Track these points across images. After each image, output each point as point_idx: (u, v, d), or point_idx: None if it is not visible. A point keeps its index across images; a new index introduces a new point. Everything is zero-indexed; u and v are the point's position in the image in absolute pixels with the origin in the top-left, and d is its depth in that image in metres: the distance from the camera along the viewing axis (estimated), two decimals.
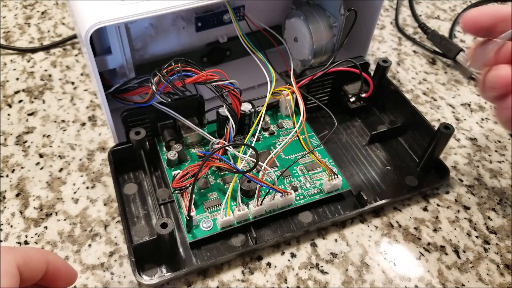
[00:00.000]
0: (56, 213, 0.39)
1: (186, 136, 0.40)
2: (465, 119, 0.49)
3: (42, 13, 0.59)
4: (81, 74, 0.51)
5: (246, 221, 0.36)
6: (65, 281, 0.27)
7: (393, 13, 0.63)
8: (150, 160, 0.40)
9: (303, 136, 0.39)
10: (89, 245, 0.37)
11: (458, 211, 0.41)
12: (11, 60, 0.52)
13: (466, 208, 0.41)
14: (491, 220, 0.40)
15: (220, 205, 0.37)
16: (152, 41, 0.44)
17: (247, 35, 0.42)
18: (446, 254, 0.37)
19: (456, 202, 0.41)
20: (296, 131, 0.38)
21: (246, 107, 0.40)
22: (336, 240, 0.38)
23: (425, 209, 0.41)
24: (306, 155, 0.41)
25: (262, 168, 0.37)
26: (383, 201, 0.39)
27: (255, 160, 0.34)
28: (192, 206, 0.35)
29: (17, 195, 0.40)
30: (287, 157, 0.41)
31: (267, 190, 0.35)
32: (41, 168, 0.42)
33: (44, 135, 0.45)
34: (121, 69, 0.43)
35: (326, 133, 0.44)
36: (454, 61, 0.54)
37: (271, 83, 0.40)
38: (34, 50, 0.54)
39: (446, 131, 0.38)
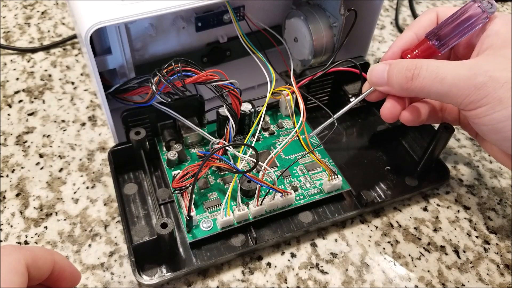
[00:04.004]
0: (56, 213, 0.39)
1: (186, 136, 0.40)
2: None
3: (42, 13, 0.59)
4: (81, 74, 0.51)
5: (246, 221, 0.36)
6: (69, 282, 0.27)
7: (393, 13, 0.63)
8: (150, 160, 0.40)
9: (303, 136, 0.39)
10: (89, 245, 0.37)
11: (458, 211, 0.41)
12: (11, 60, 0.52)
13: (466, 208, 0.41)
14: (491, 220, 0.40)
15: (220, 205, 0.37)
16: (152, 41, 0.44)
17: (247, 35, 0.42)
18: (446, 254, 0.37)
19: (456, 202, 0.41)
20: (296, 131, 0.38)
21: (246, 107, 0.40)
22: (336, 240, 0.38)
23: (425, 209, 0.41)
24: (306, 155, 0.41)
25: (262, 168, 0.37)
26: (383, 201, 0.39)
27: (255, 160, 0.34)
28: (192, 206, 0.35)
29: (17, 195, 0.40)
30: (287, 157, 0.41)
31: (267, 190, 0.35)
32: (41, 168, 0.42)
33: (44, 135, 0.45)
34: (121, 69, 0.43)
35: (326, 133, 0.44)
36: None
37: (271, 83, 0.40)
38: (34, 50, 0.54)
39: (446, 131, 0.38)
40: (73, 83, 0.50)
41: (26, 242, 0.37)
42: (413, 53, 0.35)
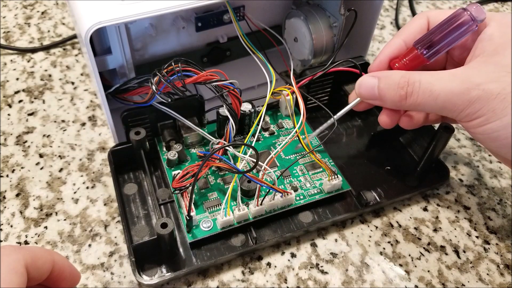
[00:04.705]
0: (56, 213, 0.39)
1: (186, 136, 0.40)
2: None
3: (42, 13, 0.59)
4: (81, 74, 0.51)
5: (246, 221, 0.36)
6: (69, 282, 0.27)
7: (393, 13, 0.63)
8: (150, 160, 0.40)
9: (303, 136, 0.39)
10: (89, 245, 0.37)
11: (458, 211, 0.41)
12: (11, 60, 0.52)
13: (466, 208, 0.41)
14: (491, 220, 0.40)
15: (220, 205, 0.37)
16: (152, 41, 0.44)
17: (247, 35, 0.42)
18: (446, 254, 0.37)
19: (456, 202, 0.41)
20: (296, 131, 0.38)
21: (246, 107, 0.40)
22: (336, 240, 0.38)
23: (425, 209, 0.41)
24: (306, 155, 0.41)
25: (262, 168, 0.37)
26: (383, 201, 0.39)
27: (255, 160, 0.34)
28: (192, 206, 0.35)
29: (17, 195, 0.40)
30: (287, 157, 0.41)
31: (267, 190, 0.35)
32: (41, 168, 0.42)
33: (44, 135, 0.45)
34: (121, 69, 0.43)
35: (326, 133, 0.44)
36: None
37: (271, 83, 0.40)
38: (34, 50, 0.54)
39: (446, 131, 0.38)
40: (73, 83, 0.50)
41: (26, 242, 0.37)
42: (401, 62, 0.35)
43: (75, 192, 0.40)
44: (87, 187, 0.41)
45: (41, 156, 0.43)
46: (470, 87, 0.30)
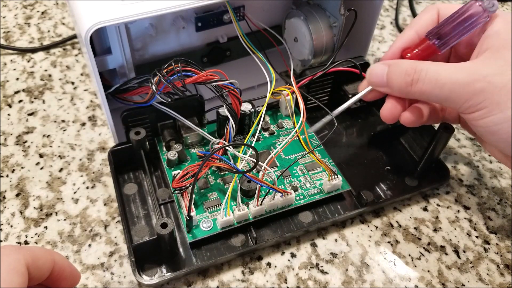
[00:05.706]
0: (56, 213, 0.39)
1: (186, 136, 0.40)
2: None
3: (42, 13, 0.59)
4: (81, 74, 0.51)
5: (246, 221, 0.36)
6: (69, 282, 0.27)
7: (393, 13, 0.63)
8: (150, 160, 0.40)
9: (303, 136, 0.39)
10: (89, 245, 0.37)
11: (458, 211, 0.41)
12: (11, 60, 0.52)
13: (466, 208, 0.41)
14: (491, 220, 0.40)
15: (220, 205, 0.37)
16: (152, 41, 0.44)
17: (247, 35, 0.42)
18: (446, 254, 0.37)
19: (456, 202, 0.41)
20: (296, 131, 0.38)
21: (246, 107, 0.40)
22: (336, 240, 0.38)
23: (425, 209, 0.41)
24: (306, 155, 0.41)
25: (262, 168, 0.37)
26: (383, 201, 0.39)
27: (255, 160, 0.34)
28: (192, 206, 0.35)
29: (17, 195, 0.40)
30: (287, 157, 0.41)
31: (267, 190, 0.35)
32: (41, 168, 0.42)
33: (44, 135, 0.45)
34: (121, 69, 0.43)
35: (326, 133, 0.44)
36: None
37: (271, 83, 0.40)
38: (34, 50, 0.54)
39: (446, 131, 0.38)
40: (73, 83, 0.50)
41: (26, 242, 0.37)
42: (413, 52, 0.35)
43: (75, 192, 0.40)
44: (87, 187, 0.41)
45: (41, 156, 0.43)
46: (476, 78, 0.30)
